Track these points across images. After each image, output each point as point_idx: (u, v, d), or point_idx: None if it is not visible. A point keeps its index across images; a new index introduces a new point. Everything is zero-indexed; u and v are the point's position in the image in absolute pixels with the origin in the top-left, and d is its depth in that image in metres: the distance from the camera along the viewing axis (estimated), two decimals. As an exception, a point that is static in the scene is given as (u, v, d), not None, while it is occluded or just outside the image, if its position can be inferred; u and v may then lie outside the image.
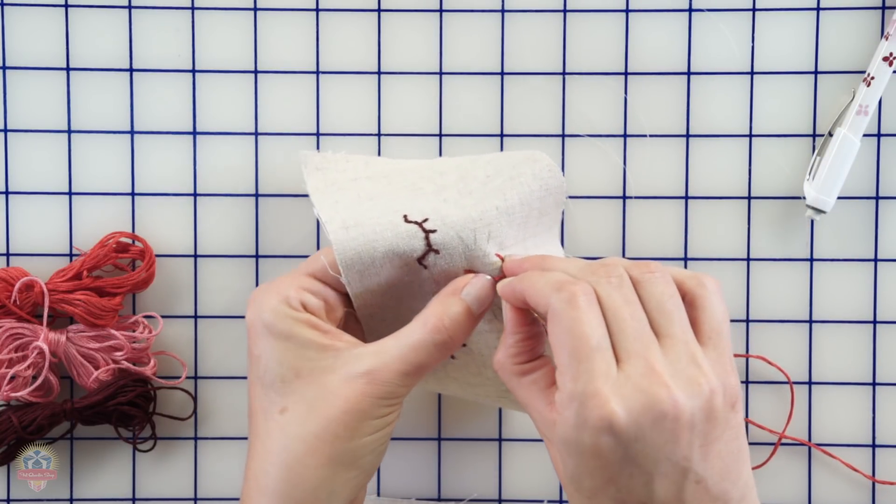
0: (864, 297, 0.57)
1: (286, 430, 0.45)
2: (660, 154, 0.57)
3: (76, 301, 0.54)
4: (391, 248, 0.47)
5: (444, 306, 0.46)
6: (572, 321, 0.40)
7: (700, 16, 0.56)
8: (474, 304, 0.46)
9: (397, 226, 0.47)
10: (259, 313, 0.46)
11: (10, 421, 0.55)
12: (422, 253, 0.47)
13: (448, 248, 0.47)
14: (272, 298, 0.46)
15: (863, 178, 0.57)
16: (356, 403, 0.44)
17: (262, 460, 0.45)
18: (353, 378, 0.45)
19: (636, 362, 0.40)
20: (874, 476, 0.57)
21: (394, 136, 0.57)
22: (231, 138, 0.57)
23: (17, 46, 0.57)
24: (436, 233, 0.47)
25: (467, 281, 0.47)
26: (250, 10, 0.56)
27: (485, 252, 0.47)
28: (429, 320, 0.46)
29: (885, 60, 0.55)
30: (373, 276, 0.47)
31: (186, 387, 0.57)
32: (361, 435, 0.45)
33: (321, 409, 0.45)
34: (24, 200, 0.57)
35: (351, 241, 0.47)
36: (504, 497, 0.58)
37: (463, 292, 0.46)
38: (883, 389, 0.57)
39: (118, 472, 0.58)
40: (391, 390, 0.45)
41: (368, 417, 0.45)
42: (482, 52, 0.57)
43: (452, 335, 0.46)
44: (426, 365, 0.46)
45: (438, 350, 0.46)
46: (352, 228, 0.47)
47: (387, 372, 0.45)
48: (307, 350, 0.45)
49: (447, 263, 0.47)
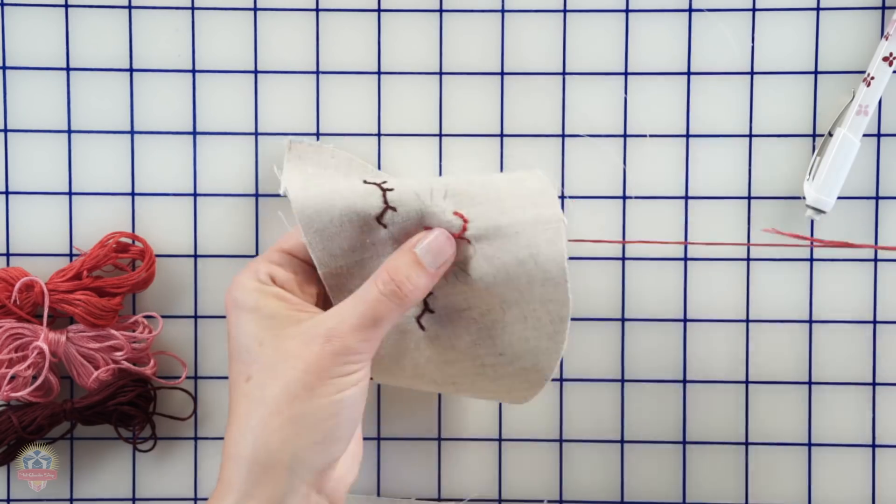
0: (864, 297, 0.57)
1: (250, 395, 0.46)
2: (660, 154, 0.57)
3: (76, 301, 0.54)
4: (349, 206, 0.48)
5: (394, 259, 0.48)
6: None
7: (700, 16, 0.56)
8: (426, 256, 0.47)
9: (355, 186, 0.48)
10: (231, 291, 0.48)
11: (10, 421, 0.55)
12: (380, 210, 0.48)
13: (405, 205, 0.48)
14: (244, 276, 0.49)
15: (863, 178, 0.57)
16: (315, 363, 0.45)
17: (232, 428, 0.46)
18: (312, 339, 0.46)
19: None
20: (874, 476, 0.57)
21: (394, 136, 0.57)
22: (231, 138, 0.57)
23: (17, 46, 0.57)
24: (393, 191, 0.48)
25: (422, 236, 0.48)
26: (250, 10, 0.56)
27: (442, 209, 0.48)
28: (380, 274, 0.47)
29: (885, 60, 0.55)
30: (333, 238, 0.48)
31: (186, 387, 0.57)
32: (321, 395, 0.45)
33: (281, 372, 0.46)
34: (24, 200, 0.57)
35: (309, 199, 0.48)
36: (504, 497, 0.58)
37: (416, 246, 0.47)
38: (883, 389, 0.57)
39: (118, 472, 0.58)
40: (348, 345, 0.46)
41: (327, 376, 0.45)
42: (482, 52, 0.57)
43: (401, 285, 0.46)
44: (381, 317, 0.46)
45: (391, 300, 0.46)
46: (311, 188, 0.49)
47: (343, 326, 0.46)
48: (271, 320, 0.47)
49: (405, 220, 0.48)
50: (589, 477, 0.58)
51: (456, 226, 0.48)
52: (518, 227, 0.48)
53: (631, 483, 0.58)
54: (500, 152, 0.57)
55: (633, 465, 0.58)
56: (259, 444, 0.45)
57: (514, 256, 0.47)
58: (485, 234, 0.48)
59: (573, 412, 0.58)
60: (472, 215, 0.48)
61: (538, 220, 0.48)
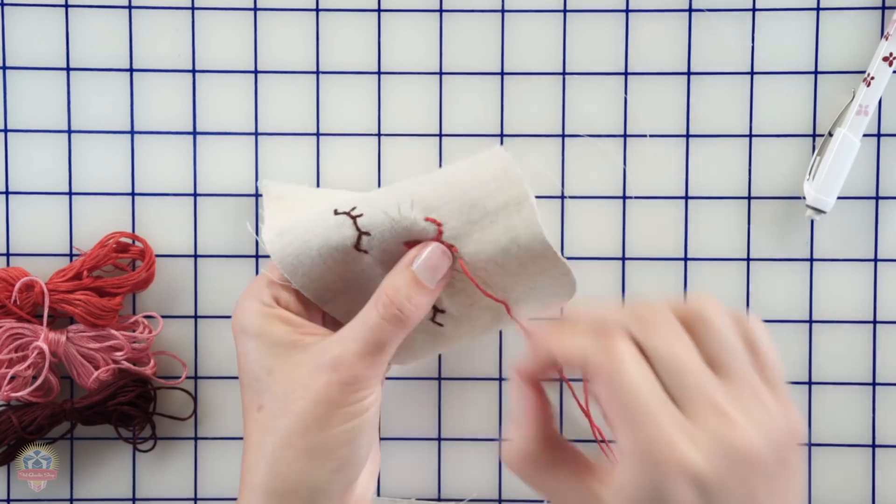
0: (864, 297, 0.57)
1: (262, 426, 0.46)
2: (660, 154, 0.57)
3: (76, 301, 0.54)
4: (325, 242, 0.47)
5: (391, 279, 0.46)
6: (617, 373, 0.37)
7: (700, 16, 0.56)
8: (424, 273, 0.46)
9: (327, 220, 0.47)
10: (237, 317, 0.47)
11: (10, 421, 0.55)
12: (355, 238, 0.47)
13: (376, 227, 0.47)
14: (247, 299, 0.48)
15: (863, 178, 0.57)
16: (324, 394, 0.45)
17: (248, 457, 0.46)
18: (319, 368, 0.45)
19: (704, 406, 0.36)
20: (874, 476, 0.57)
21: (394, 136, 0.57)
22: (231, 138, 0.57)
23: (17, 46, 0.57)
24: (362, 216, 0.47)
25: (416, 252, 0.47)
26: (250, 10, 0.56)
27: (412, 219, 0.47)
28: (379, 297, 0.46)
29: (885, 60, 0.55)
30: (323, 276, 0.48)
31: (186, 387, 0.57)
32: (333, 425, 0.45)
33: (291, 403, 0.45)
34: (24, 200, 0.57)
35: (287, 247, 0.47)
36: (504, 497, 0.58)
37: (413, 264, 0.46)
38: (883, 389, 0.57)
39: (118, 472, 0.58)
40: (355, 374, 0.45)
41: (337, 406, 0.45)
42: (482, 52, 0.57)
43: (402, 308, 0.45)
44: (384, 342, 0.45)
45: (392, 325, 0.45)
46: (286, 233, 0.48)
47: (348, 356, 0.45)
48: (278, 347, 0.46)
49: (381, 242, 0.47)
50: (589, 477, 0.58)
51: (431, 231, 0.47)
52: (491, 217, 0.46)
53: (631, 483, 0.58)
54: (500, 152, 0.57)
55: (633, 465, 0.58)
56: (273, 475, 0.45)
57: (497, 246, 0.47)
58: (461, 233, 0.47)
59: (573, 412, 0.58)
60: (444, 217, 0.47)
61: (508, 204, 0.46)
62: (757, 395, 0.38)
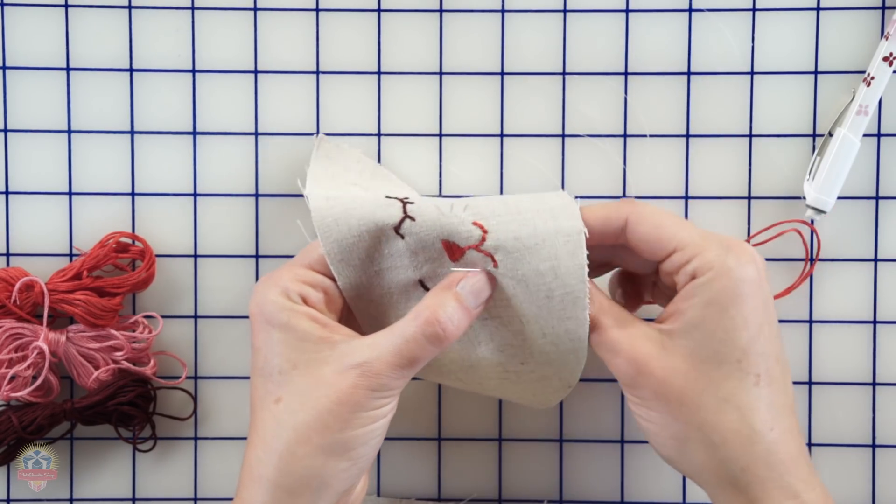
0: (864, 297, 0.57)
1: (279, 419, 0.45)
2: (660, 154, 0.57)
3: (76, 301, 0.54)
4: (368, 215, 0.48)
5: (438, 299, 0.46)
6: (658, 212, 0.47)
7: (700, 16, 0.56)
8: (469, 298, 0.47)
9: (377, 198, 0.48)
10: (260, 305, 0.47)
11: (10, 421, 0.55)
12: (398, 220, 0.48)
13: (423, 215, 0.48)
14: (272, 290, 0.47)
15: (863, 178, 0.57)
16: (349, 395, 0.45)
17: (256, 448, 0.46)
18: (347, 369, 0.45)
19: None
20: (874, 476, 0.57)
21: (394, 136, 0.57)
22: (231, 138, 0.57)
23: (17, 46, 0.57)
24: (413, 204, 0.48)
25: (463, 275, 0.47)
26: (250, 10, 0.56)
27: (461, 219, 0.47)
28: (422, 313, 0.46)
29: (885, 60, 0.55)
30: (352, 249, 0.48)
31: (186, 387, 0.57)
32: (353, 427, 0.45)
33: (314, 400, 0.45)
34: (24, 200, 0.57)
35: (330, 209, 0.48)
36: (504, 497, 0.58)
37: (458, 286, 0.47)
38: (883, 389, 0.57)
39: (118, 472, 0.58)
40: (384, 382, 0.45)
41: (361, 409, 0.45)
42: (482, 52, 0.57)
43: (445, 328, 0.46)
44: (419, 358, 0.46)
45: (431, 343, 0.46)
46: (332, 199, 0.49)
47: (379, 364, 0.45)
48: (304, 342, 0.46)
49: (422, 231, 0.48)
50: (589, 477, 0.58)
51: (475, 236, 0.47)
52: (538, 239, 0.47)
53: (631, 483, 0.58)
54: (500, 152, 0.57)
55: (634, 465, 0.58)
56: (286, 470, 0.45)
57: (534, 269, 0.47)
58: (504, 246, 0.47)
59: (573, 412, 0.58)
60: (492, 226, 0.47)
61: (559, 232, 0.47)
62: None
